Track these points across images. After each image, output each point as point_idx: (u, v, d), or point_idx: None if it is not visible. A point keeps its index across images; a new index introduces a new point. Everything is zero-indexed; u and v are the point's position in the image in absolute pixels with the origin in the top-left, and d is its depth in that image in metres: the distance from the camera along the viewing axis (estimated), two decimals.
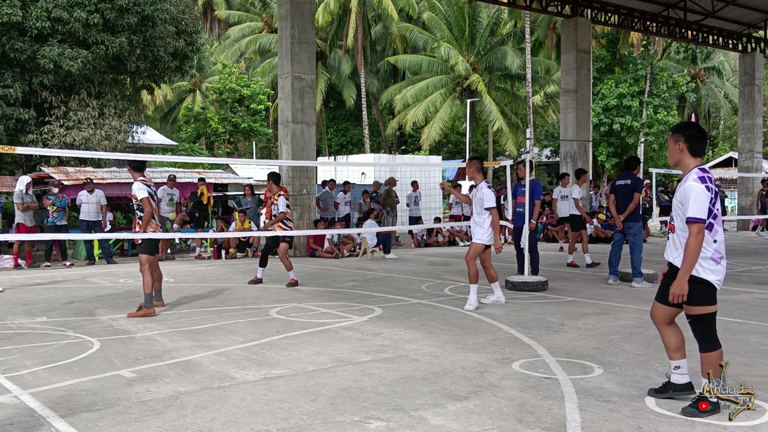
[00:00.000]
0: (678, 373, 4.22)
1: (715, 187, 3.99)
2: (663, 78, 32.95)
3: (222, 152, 35.73)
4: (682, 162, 4.10)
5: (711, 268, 3.98)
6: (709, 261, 3.98)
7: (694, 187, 3.92)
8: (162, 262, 13.70)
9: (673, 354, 4.21)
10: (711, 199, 3.92)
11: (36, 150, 10.44)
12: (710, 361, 4.02)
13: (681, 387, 4.22)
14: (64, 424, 3.89)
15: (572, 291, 9.09)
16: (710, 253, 3.98)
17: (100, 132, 18.64)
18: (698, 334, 4.08)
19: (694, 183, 3.94)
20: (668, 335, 4.21)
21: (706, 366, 4.05)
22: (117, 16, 17.49)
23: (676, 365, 4.21)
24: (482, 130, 39.36)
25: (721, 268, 4.02)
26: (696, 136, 4.09)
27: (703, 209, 3.88)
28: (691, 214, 3.89)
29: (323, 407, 4.16)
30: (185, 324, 6.89)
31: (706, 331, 4.04)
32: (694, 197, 3.89)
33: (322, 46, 38.17)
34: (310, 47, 14.94)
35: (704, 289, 3.98)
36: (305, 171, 14.95)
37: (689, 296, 3.95)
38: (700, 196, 3.89)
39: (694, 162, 4.08)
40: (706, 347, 4.05)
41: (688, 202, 3.92)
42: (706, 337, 4.04)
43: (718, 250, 4.01)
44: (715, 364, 4.02)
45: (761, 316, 7.17)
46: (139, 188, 7.51)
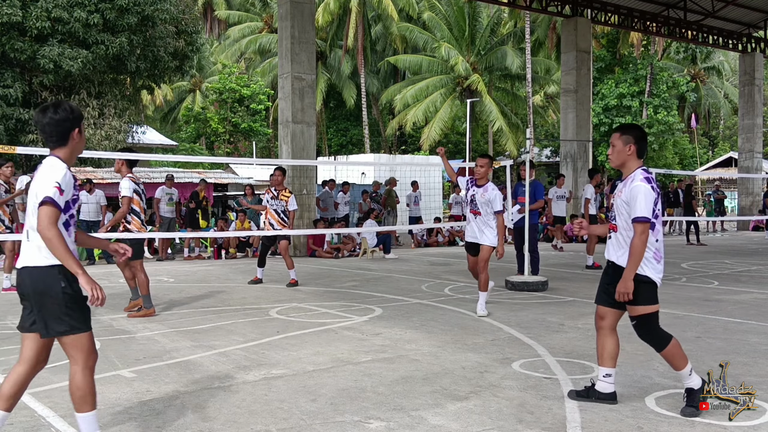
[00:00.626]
0: (606, 382, 4.18)
1: (658, 188, 4.04)
2: (663, 78, 32.95)
3: (222, 152, 35.73)
4: (627, 164, 4.11)
5: (654, 267, 4.02)
6: (652, 260, 4.01)
7: (642, 188, 3.94)
8: (162, 262, 13.73)
9: (607, 361, 4.18)
10: (655, 199, 3.96)
11: (36, 150, 10.43)
12: (672, 354, 4.02)
13: (605, 396, 4.19)
14: (64, 423, 3.89)
15: (572, 291, 9.09)
16: (652, 252, 4.00)
17: (100, 132, 18.65)
18: (646, 337, 4.08)
19: (642, 183, 3.96)
20: (609, 341, 4.18)
21: (672, 361, 4.04)
22: (117, 16, 17.49)
23: (607, 373, 4.18)
24: (482, 130, 39.36)
25: (661, 268, 4.06)
26: (643, 138, 4.12)
27: (648, 209, 3.91)
28: (638, 214, 3.90)
29: (323, 407, 4.16)
30: (185, 324, 6.89)
31: (651, 332, 4.06)
32: (642, 197, 3.91)
33: (322, 46, 38.16)
34: (310, 47, 14.94)
35: (648, 288, 4.00)
36: (305, 171, 14.96)
37: (634, 295, 3.95)
38: (647, 196, 3.91)
39: (638, 163, 4.11)
40: (659, 345, 4.05)
41: (634, 202, 3.94)
42: (654, 336, 4.06)
43: (659, 250, 4.04)
44: (676, 354, 4.01)
45: (761, 316, 7.17)
46: (127, 186, 7.44)
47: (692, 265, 12.50)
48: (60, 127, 3.24)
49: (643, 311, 4.01)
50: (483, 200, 7.21)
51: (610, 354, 4.18)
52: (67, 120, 3.25)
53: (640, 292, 3.97)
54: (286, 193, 9.82)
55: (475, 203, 7.28)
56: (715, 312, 7.41)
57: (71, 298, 3.21)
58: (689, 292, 9.01)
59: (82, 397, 3.22)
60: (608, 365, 4.18)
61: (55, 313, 3.22)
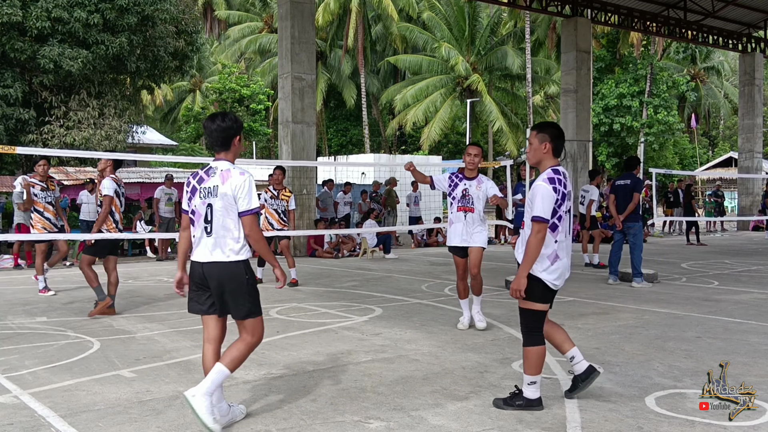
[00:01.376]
0: (576, 362, 4.22)
1: (564, 189, 4.03)
2: (663, 78, 32.96)
3: None
4: (543, 162, 4.13)
5: (547, 267, 4.02)
6: (545, 260, 4.02)
7: (541, 188, 3.96)
8: (162, 262, 13.72)
9: (563, 345, 4.23)
10: (557, 200, 3.97)
11: (36, 150, 10.42)
12: (529, 357, 4.05)
13: (584, 374, 4.22)
14: (64, 424, 3.89)
15: (572, 291, 9.09)
16: (548, 251, 4.01)
17: (100, 132, 18.64)
18: (523, 327, 4.13)
19: (543, 183, 3.98)
20: (553, 333, 4.24)
21: (525, 360, 4.08)
22: (117, 16, 17.49)
23: (571, 356, 4.22)
24: (482, 130, 39.37)
25: (556, 268, 4.04)
26: (560, 137, 4.14)
27: (547, 210, 3.93)
28: (535, 213, 3.94)
29: (323, 407, 4.16)
30: (185, 324, 6.88)
31: (530, 326, 4.09)
32: (539, 197, 3.95)
33: (322, 46, 38.17)
34: (310, 47, 14.94)
35: (538, 286, 4.03)
36: (305, 171, 14.96)
37: (526, 291, 4.01)
38: (545, 196, 3.94)
39: (552, 162, 4.12)
40: (528, 341, 4.08)
41: (533, 202, 3.98)
42: (530, 331, 4.09)
43: (557, 251, 4.03)
44: (532, 359, 4.03)
45: (761, 316, 7.17)
46: (108, 185, 7.48)
47: (692, 265, 12.50)
48: (224, 133, 3.84)
49: (528, 306, 4.07)
50: (479, 193, 6.39)
51: (562, 338, 4.26)
52: (231, 128, 3.86)
53: (530, 288, 4.02)
54: (287, 192, 9.78)
55: (468, 198, 6.39)
56: (715, 312, 7.41)
57: (252, 287, 3.86)
58: (689, 292, 9.01)
59: (233, 360, 3.80)
60: (568, 348, 4.22)
61: (238, 300, 3.83)
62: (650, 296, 8.64)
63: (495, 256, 14.06)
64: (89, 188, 13.63)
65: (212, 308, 3.89)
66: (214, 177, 3.79)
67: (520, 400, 4.06)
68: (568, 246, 4.12)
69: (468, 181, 6.44)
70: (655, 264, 12.24)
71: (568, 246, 4.13)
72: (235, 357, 3.80)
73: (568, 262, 4.14)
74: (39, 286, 9.09)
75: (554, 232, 4.00)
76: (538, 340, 4.06)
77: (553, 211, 3.96)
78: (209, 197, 3.78)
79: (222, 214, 3.75)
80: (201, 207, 3.80)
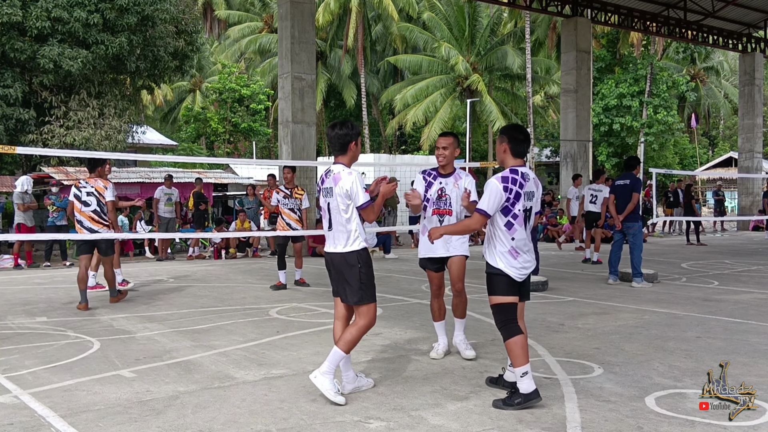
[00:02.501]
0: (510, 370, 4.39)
1: (520, 189, 4.16)
2: (663, 78, 32.95)
3: (222, 152, 35.73)
4: (505, 162, 4.33)
5: (508, 262, 4.19)
6: (507, 255, 4.20)
7: (492, 184, 4.17)
8: (161, 262, 13.72)
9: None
10: (508, 198, 4.15)
11: (36, 150, 10.43)
12: (511, 348, 4.14)
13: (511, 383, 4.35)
14: (64, 424, 3.89)
15: (572, 291, 9.09)
16: (507, 248, 4.20)
17: (100, 132, 18.63)
18: (497, 323, 4.25)
19: (495, 180, 4.17)
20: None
21: (510, 354, 4.16)
22: (117, 16, 17.49)
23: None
24: (482, 130, 39.36)
25: (518, 263, 4.21)
26: (519, 139, 4.29)
27: (491, 205, 4.14)
28: (478, 205, 4.20)
29: (323, 407, 4.16)
30: (185, 324, 6.89)
31: (503, 319, 4.20)
32: (487, 192, 4.16)
33: (322, 46, 38.15)
34: (310, 47, 14.94)
35: (501, 280, 4.20)
36: (305, 171, 14.96)
37: (489, 286, 4.25)
38: (493, 192, 4.14)
39: (513, 162, 4.29)
40: (506, 335, 4.17)
41: (483, 194, 4.20)
42: (504, 325, 4.20)
43: (516, 248, 4.21)
44: (515, 350, 4.11)
45: (761, 316, 7.17)
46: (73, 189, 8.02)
47: (692, 265, 12.51)
48: (342, 139, 4.34)
49: (496, 301, 4.22)
50: (457, 191, 5.30)
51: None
52: (348, 135, 4.34)
53: (493, 282, 4.23)
54: (299, 191, 9.68)
55: (445, 199, 5.34)
56: (715, 312, 7.41)
57: (365, 275, 4.30)
58: (689, 292, 9.01)
59: (346, 342, 4.23)
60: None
61: (353, 286, 4.30)
62: (650, 296, 8.64)
63: None
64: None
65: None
66: (329, 179, 4.33)
67: (518, 398, 4.09)
68: (527, 242, 4.27)
69: (443, 178, 5.38)
70: (655, 264, 12.24)
71: (528, 242, 4.28)
72: (348, 340, 4.22)
73: (531, 257, 4.30)
74: (90, 283, 9.46)
75: (510, 230, 4.19)
76: (513, 330, 4.15)
77: (505, 209, 4.17)
78: (328, 197, 4.35)
79: (336, 212, 4.31)
80: (324, 205, 4.40)
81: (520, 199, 4.16)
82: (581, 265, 12.51)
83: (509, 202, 4.14)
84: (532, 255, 4.33)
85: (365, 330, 4.29)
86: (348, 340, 4.22)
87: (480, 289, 9.01)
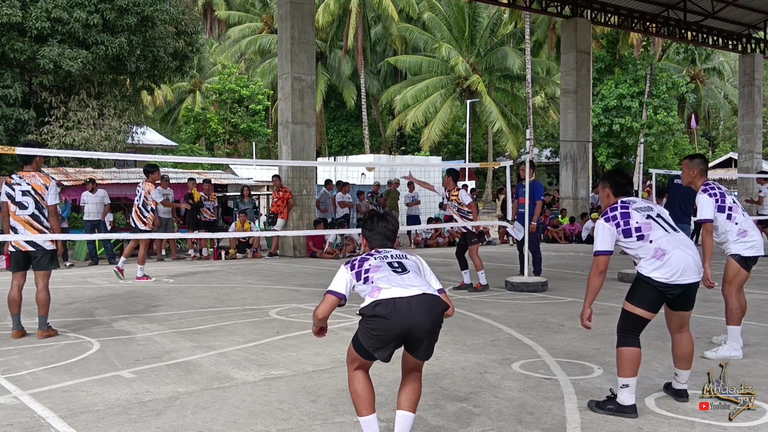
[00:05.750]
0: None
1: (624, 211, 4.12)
2: (663, 79, 32.96)
3: (222, 153, 35.74)
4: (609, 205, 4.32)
5: (649, 269, 4.08)
6: (651, 262, 4.05)
7: (597, 225, 4.19)
8: (157, 262, 13.70)
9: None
10: (618, 224, 4.10)
11: (36, 150, 10.39)
12: (619, 357, 4.03)
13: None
14: (64, 424, 3.89)
15: (572, 291, 9.09)
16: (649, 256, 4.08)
17: (100, 132, 18.65)
18: (618, 327, 4.18)
19: (598, 221, 4.20)
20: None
21: (617, 361, 4.09)
22: (117, 17, 17.50)
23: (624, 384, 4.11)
24: (482, 130, 39.39)
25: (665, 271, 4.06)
26: (621, 183, 4.31)
27: (605, 241, 4.10)
28: (597, 248, 4.13)
29: (323, 408, 4.16)
30: (185, 324, 6.88)
31: (622, 328, 4.13)
32: (597, 234, 4.14)
33: (322, 47, 38.17)
34: (309, 48, 14.94)
35: (641, 287, 4.08)
36: (305, 171, 14.96)
37: (630, 290, 4.17)
38: (599, 231, 4.13)
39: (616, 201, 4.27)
40: (620, 342, 4.10)
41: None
42: (621, 332, 4.13)
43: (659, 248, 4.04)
44: (622, 360, 4.01)
45: (761, 316, 7.17)
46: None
47: None
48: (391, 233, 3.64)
49: (625, 306, 4.12)
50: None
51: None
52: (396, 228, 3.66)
53: (633, 286, 4.13)
54: (454, 192, 9.60)
55: None
56: (715, 312, 7.40)
57: None
58: None
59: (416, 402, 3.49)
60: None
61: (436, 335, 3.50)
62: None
63: (495, 257, 14.07)
64: (90, 188, 13.62)
65: None
66: None
67: (611, 405, 4.00)
68: (672, 240, 4.07)
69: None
70: None
71: (677, 240, 4.08)
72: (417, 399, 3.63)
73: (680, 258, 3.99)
74: (138, 275, 10.06)
75: (642, 241, 4.09)
76: (629, 341, 4.01)
77: (626, 232, 4.10)
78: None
79: None
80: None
81: (630, 218, 4.10)
82: (581, 266, 12.50)
83: (620, 227, 4.09)
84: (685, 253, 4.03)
85: None
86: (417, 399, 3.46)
87: (488, 289, 9.01)
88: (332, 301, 3.39)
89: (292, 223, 14.80)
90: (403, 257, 3.46)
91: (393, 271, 3.32)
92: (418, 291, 3.24)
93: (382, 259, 3.41)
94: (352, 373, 3.43)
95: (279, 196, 14.76)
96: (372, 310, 3.21)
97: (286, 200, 14.64)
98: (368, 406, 3.37)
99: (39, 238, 6.38)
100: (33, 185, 6.36)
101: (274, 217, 14.92)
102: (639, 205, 4.19)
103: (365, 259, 3.42)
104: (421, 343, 3.29)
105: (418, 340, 3.26)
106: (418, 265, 3.47)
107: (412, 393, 3.40)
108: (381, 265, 3.37)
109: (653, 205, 4.27)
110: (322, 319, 3.52)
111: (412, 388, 3.40)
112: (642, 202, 4.23)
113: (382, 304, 3.19)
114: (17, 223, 6.37)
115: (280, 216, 14.69)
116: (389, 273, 3.31)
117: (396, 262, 3.39)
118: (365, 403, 3.37)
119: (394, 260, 3.41)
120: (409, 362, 3.42)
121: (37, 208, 6.37)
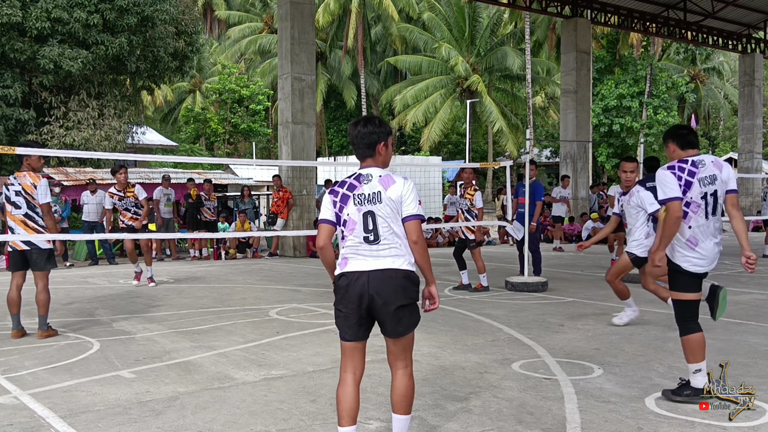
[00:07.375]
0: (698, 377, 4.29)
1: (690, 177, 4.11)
2: (663, 79, 32.96)
3: (222, 153, 35.74)
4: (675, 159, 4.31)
5: (683, 255, 4.26)
6: (683, 248, 4.24)
7: (659, 174, 4.18)
8: (161, 262, 13.71)
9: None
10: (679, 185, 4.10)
11: (36, 150, 10.37)
12: (686, 345, 4.17)
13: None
14: (64, 424, 3.89)
15: (572, 291, 9.09)
16: (684, 239, 4.23)
17: (100, 132, 18.65)
18: (676, 317, 4.31)
19: (661, 169, 4.22)
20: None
21: (684, 349, 4.21)
22: (117, 17, 17.50)
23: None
24: (482, 130, 39.37)
25: (696, 254, 4.27)
26: (682, 133, 4.26)
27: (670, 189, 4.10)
28: (661, 197, 4.15)
29: (323, 408, 4.16)
30: (185, 325, 6.88)
31: (681, 316, 4.25)
32: (659, 183, 4.15)
33: (322, 47, 38.16)
34: (309, 48, 14.95)
35: (679, 277, 4.27)
36: (305, 171, 14.97)
37: (670, 282, 4.33)
38: (662, 180, 4.13)
39: (683, 154, 4.25)
40: (682, 331, 4.23)
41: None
42: (681, 321, 4.26)
43: (693, 236, 4.21)
44: (690, 347, 4.16)
45: (761, 316, 7.17)
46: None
47: None
48: (367, 139, 3.44)
49: (676, 297, 4.28)
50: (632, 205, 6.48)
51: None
52: (374, 133, 3.44)
53: (672, 279, 4.27)
54: (471, 190, 9.56)
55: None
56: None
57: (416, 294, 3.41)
58: None
59: (410, 403, 3.38)
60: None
61: (410, 309, 3.45)
62: (650, 296, 8.61)
63: (495, 257, 14.07)
64: (91, 189, 13.62)
65: None
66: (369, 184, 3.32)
67: (687, 390, 4.13)
68: (709, 228, 4.21)
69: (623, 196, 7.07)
70: None
71: (713, 228, 4.23)
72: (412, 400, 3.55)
73: (713, 244, 4.27)
74: (147, 275, 10.02)
75: (685, 219, 4.14)
76: (691, 328, 4.14)
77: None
78: (369, 204, 3.28)
79: (396, 220, 3.31)
80: (358, 214, 3.28)
81: (692, 187, 4.07)
82: (581, 265, 12.50)
83: (681, 188, 4.03)
84: (716, 241, 4.23)
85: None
86: (411, 401, 3.35)
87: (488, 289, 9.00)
88: (326, 227, 3.34)
89: (292, 223, 14.80)
90: (378, 200, 3.23)
91: (364, 239, 3.24)
92: (381, 265, 3.23)
93: (359, 209, 3.23)
94: (341, 375, 3.34)
95: (279, 196, 14.77)
96: (338, 280, 3.29)
97: (286, 200, 14.66)
98: (346, 417, 3.20)
99: (36, 238, 6.36)
100: (23, 185, 6.44)
101: (274, 217, 14.92)
102: (704, 174, 4.11)
103: (347, 197, 3.27)
104: (385, 318, 3.28)
105: (381, 314, 3.27)
106: (393, 210, 3.25)
107: (403, 394, 3.30)
108: (357, 222, 3.23)
109: (718, 172, 4.15)
110: (325, 247, 3.37)
111: (403, 388, 3.31)
112: (710, 168, 4.13)
113: (346, 276, 3.26)
114: (14, 223, 6.42)
115: (280, 216, 14.70)
116: (360, 242, 3.25)
117: (370, 221, 3.23)
118: (344, 413, 3.21)
119: (369, 219, 3.23)
120: (389, 349, 3.40)
121: (29, 208, 6.40)
